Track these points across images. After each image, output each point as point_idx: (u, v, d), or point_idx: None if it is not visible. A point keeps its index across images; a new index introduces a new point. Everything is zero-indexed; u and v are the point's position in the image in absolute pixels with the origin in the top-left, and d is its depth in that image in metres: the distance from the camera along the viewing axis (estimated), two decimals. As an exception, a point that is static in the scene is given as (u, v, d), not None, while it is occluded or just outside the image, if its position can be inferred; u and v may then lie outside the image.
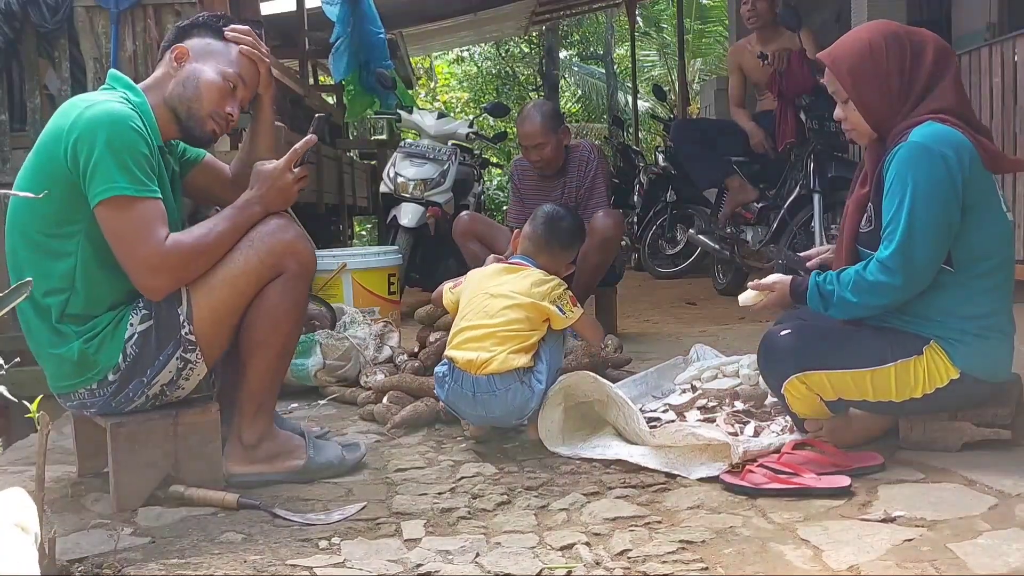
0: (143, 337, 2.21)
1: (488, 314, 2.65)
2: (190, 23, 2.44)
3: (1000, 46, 4.66)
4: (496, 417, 2.64)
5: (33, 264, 2.18)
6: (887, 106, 2.34)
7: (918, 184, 2.21)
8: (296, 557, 1.90)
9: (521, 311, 2.64)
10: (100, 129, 2.12)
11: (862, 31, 2.43)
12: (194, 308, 2.24)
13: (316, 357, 3.45)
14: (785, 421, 2.59)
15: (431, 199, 5.61)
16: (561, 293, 2.72)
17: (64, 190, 2.14)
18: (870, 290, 2.28)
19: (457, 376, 2.64)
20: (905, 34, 2.36)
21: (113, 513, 2.20)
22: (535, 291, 2.68)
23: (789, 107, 5.17)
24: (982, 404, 2.37)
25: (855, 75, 2.36)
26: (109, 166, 2.10)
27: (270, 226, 2.30)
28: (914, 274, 2.25)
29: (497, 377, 2.57)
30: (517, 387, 2.59)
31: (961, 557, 1.74)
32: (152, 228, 2.15)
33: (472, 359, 2.60)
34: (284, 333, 2.33)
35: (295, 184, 2.35)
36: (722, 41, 14.80)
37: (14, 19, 4.24)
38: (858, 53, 2.36)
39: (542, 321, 2.68)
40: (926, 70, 2.32)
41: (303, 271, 2.33)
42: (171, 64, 2.35)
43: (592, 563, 1.81)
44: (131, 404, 2.26)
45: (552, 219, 2.91)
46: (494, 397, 2.58)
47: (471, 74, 19.83)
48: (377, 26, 7.82)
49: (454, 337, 2.70)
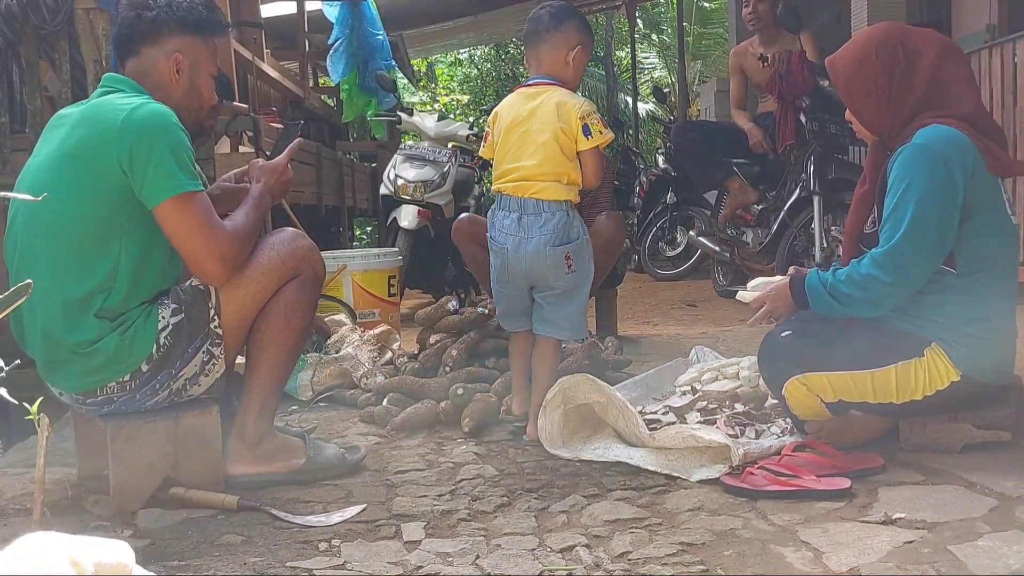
0: (176, 329, 2.27)
1: (525, 154, 2.67)
2: (165, 17, 2.35)
3: (1000, 48, 4.66)
4: (532, 251, 2.65)
5: (75, 264, 2.21)
6: (880, 113, 2.37)
7: (918, 185, 2.22)
8: (296, 559, 1.90)
9: (555, 142, 2.65)
10: (157, 129, 2.20)
11: (859, 37, 2.45)
12: (222, 302, 2.31)
13: (307, 373, 3.42)
14: (785, 423, 2.59)
15: (431, 201, 5.61)
16: (590, 112, 2.68)
17: (112, 195, 2.20)
18: (861, 283, 2.29)
19: (504, 202, 2.71)
20: (899, 39, 2.36)
21: (113, 515, 2.20)
22: (562, 112, 2.66)
23: (789, 109, 5.17)
24: (983, 406, 2.37)
25: (849, 84, 2.39)
26: (170, 165, 2.19)
27: (288, 233, 2.45)
28: (905, 275, 2.25)
29: (544, 202, 2.65)
30: (562, 214, 2.66)
31: (961, 559, 1.74)
32: (216, 219, 2.27)
33: (520, 184, 2.67)
34: (295, 331, 2.39)
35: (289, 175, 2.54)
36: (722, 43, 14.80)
37: (14, 21, 4.24)
38: (851, 61, 2.39)
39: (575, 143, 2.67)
40: (923, 75, 2.31)
41: (316, 276, 2.45)
42: (172, 73, 2.36)
43: (592, 565, 1.81)
44: (154, 398, 2.29)
45: (532, 20, 2.79)
46: (538, 218, 2.64)
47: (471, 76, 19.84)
48: (377, 28, 7.83)
49: (499, 178, 2.74)
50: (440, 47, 15.38)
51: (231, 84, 3.71)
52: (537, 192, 2.64)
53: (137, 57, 2.36)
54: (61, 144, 2.25)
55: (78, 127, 2.25)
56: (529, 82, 2.78)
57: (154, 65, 2.36)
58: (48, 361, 2.27)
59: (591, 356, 3.27)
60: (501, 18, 12.01)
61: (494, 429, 2.88)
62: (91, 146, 2.21)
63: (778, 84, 5.18)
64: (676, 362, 3.31)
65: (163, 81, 2.36)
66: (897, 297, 2.30)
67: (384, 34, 7.99)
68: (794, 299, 2.44)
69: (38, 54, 4.37)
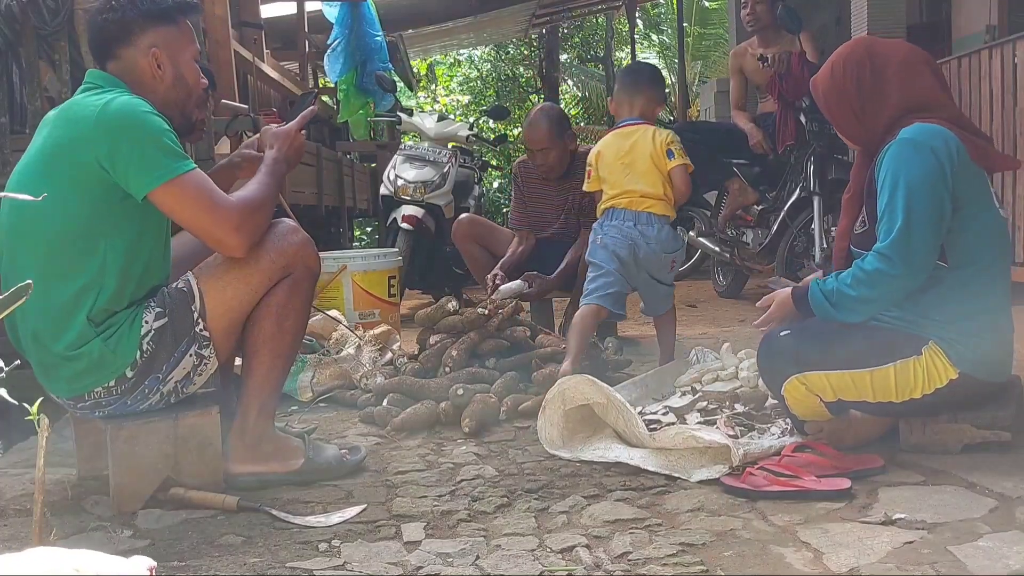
0: (159, 334, 2.25)
1: (635, 178, 3.30)
2: (132, 15, 2.30)
3: (1000, 48, 4.66)
4: (651, 250, 3.27)
5: (61, 263, 2.19)
6: (856, 124, 2.43)
7: (908, 175, 2.25)
8: (296, 560, 1.90)
9: (656, 170, 3.29)
10: (130, 121, 2.17)
11: (833, 55, 2.50)
12: (207, 304, 2.29)
13: (307, 374, 3.42)
14: (785, 423, 2.59)
15: (431, 201, 5.61)
16: (673, 139, 3.32)
17: (95, 191, 2.18)
18: (868, 281, 2.29)
19: (617, 214, 3.31)
20: (865, 51, 2.42)
21: (113, 515, 2.20)
22: (655, 140, 3.30)
23: (789, 109, 5.17)
24: (982, 405, 2.38)
25: (826, 99, 2.47)
26: (153, 153, 2.16)
27: (280, 228, 2.38)
28: (913, 263, 2.26)
29: (654, 215, 3.29)
30: (668, 228, 3.33)
31: (961, 559, 1.74)
32: (216, 192, 2.23)
33: (635, 200, 3.29)
34: (289, 331, 2.37)
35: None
36: (722, 44, 14.80)
37: (14, 21, 4.24)
38: (824, 78, 2.47)
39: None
40: (893, 84, 2.37)
41: (310, 274, 2.41)
42: (153, 69, 2.32)
43: (592, 566, 1.81)
44: (146, 402, 2.28)
45: (632, 72, 3.62)
46: (651, 227, 3.27)
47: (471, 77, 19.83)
48: (376, 29, 7.84)
49: (612, 197, 3.33)
50: (440, 48, 15.38)
51: (211, 73, 3.68)
52: (649, 207, 3.28)
53: (115, 60, 2.33)
54: (42, 144, 2.25)
55: (56, 127, 2.24)
56: (622, 123, 3.41)
57: (134, 65, 2.32)
58: (40, 364, 2.27)
59: (591, 357, 3.27)
60: (501, 19, 12.01)
61: (494, 429, 2.88)
62: (68, 144, 2.19)
63: (778, 85, 5.19)
64: (676, 363, 3.31)
65: (146, 79, 2.32)
66: (906, 289, 2.30)
67: (383, 36, 7.99)
68: (798, 310, 2.46)
69: (38, 55, 4.37)
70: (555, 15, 13.20)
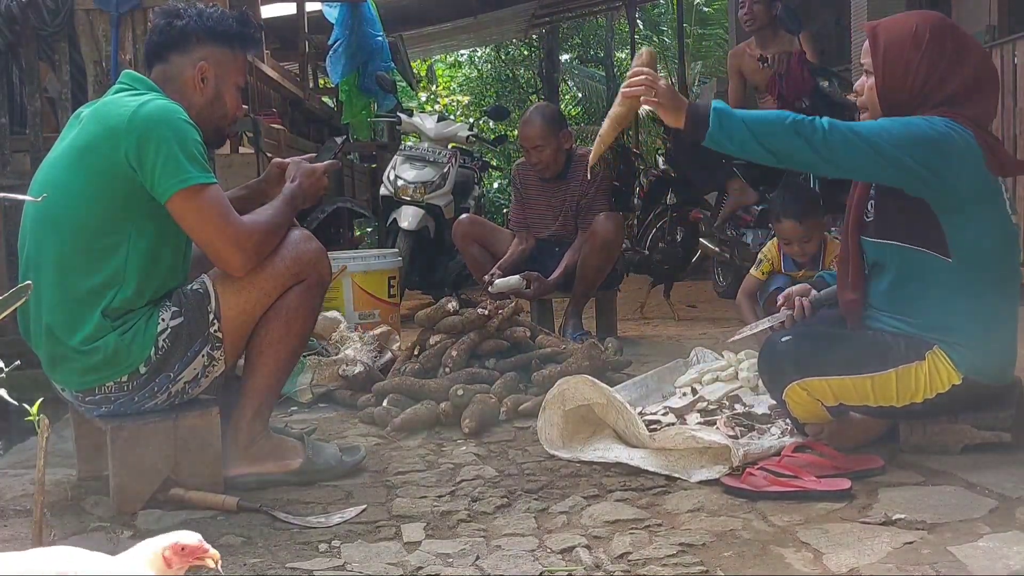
0: (175, 332, 2.27)
1: None
2: (194, 27, 2.39)
3: (1000, 48, 4.66)
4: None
5: (82, 258, 2.22)
6: (905, 95, 2.33)
7: (907, 121, 2.24)
8: (296, 560, 1.90)
9: None
10: (163, 124, 2.20)
11: (912, 17, 2.41)
12: (222, 306, 2.31)
13: (306, 375, 3.41)
14: (785, 424, 2.59)
15: (431, 202, 5.61)
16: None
17: (122, 189, 2.21)
18: (797, 127, 2.22)
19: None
20: (952, 35, 2.33)
21: (113, 516, 2.20)
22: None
23: (788, 110, 5.16)
24: (983, 407, 2.37)
25: (888, 54, 2.33)
26: (179, 159, 2.19)
27: (295, 236, 2.42)
28: (831, 150, 2.21)
29: None
30: None
31: (961, 560, 1.74)
32: (230, 209, 2.27)
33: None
34: (296, 335, 2.40)
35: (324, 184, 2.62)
36: (722, 44, 14.78)
37: (14, 22, 4.24)
38: (899, 34, 2.33)
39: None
40: (960, 80, 2.30)
41: (321, 281, 2.45)
42: (197, 81, 2.37)
43: (592, 566, 1.81)
44: (152, 400, 2.29)
45: (792, 201, 3.67)
46: None
47: (471, 77, 19.83)
48: (376, 29, 7.83)
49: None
50: (440, 48, 15.38)
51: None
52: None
53: (165, 64, 2.38)
54: (74, 140, 2.28)
55: (89, 123, 2.27)
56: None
57: (180, 72, 2.37)
58: (51, 356, 2.28)
59: (591, 357, 3.27)
60: (501, 19, 12.02)
61: (494, 430, 2.88)
62: (100, 142, 2.22)
63: (778, 85, 5.18)
64: (676, 363, 3.31)
65: (187, 88, 2.37)
66: (802, 161, 2.33)
67: (384, 36, 7.98)
68: (692, 116, 2.31)
69: (38, 55, 4.37)
70: (555, 15, 13.20)
